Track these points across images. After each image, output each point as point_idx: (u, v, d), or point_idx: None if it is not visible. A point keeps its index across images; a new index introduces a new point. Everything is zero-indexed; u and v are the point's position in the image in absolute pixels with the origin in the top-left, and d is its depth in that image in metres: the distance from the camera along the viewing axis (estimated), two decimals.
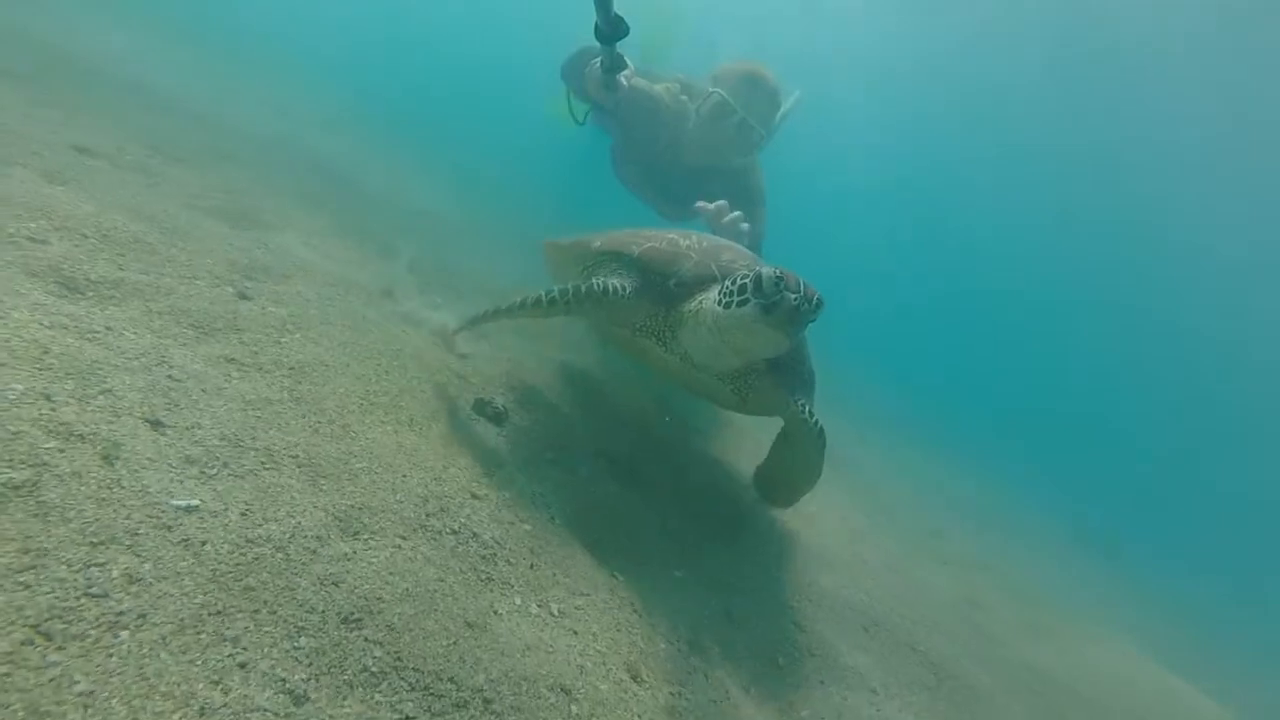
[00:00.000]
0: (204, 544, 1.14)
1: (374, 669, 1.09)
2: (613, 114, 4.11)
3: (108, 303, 1.72)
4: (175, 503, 1.20)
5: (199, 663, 0.95)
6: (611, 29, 2.77)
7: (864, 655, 2.22)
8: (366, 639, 1.13)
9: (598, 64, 3.58)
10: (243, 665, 0.98)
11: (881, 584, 2.84)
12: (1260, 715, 4.14)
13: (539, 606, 1.52)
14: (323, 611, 1.13)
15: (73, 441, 1.20)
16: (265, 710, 0.93)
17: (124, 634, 0.93)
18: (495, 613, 1.40)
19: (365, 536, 1.36)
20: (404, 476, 1.62)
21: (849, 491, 4.41)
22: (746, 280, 1.87)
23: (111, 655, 0.90)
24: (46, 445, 1.16)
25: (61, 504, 1.07)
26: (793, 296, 1.79)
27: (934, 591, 3.25)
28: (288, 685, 0.98)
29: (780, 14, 14.86)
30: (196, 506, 1.21)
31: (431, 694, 1.11)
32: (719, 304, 1.96)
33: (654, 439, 3.16)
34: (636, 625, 1.68)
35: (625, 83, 3.68)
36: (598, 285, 2.18)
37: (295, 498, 1.36)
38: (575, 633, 1.51)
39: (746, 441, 3.89)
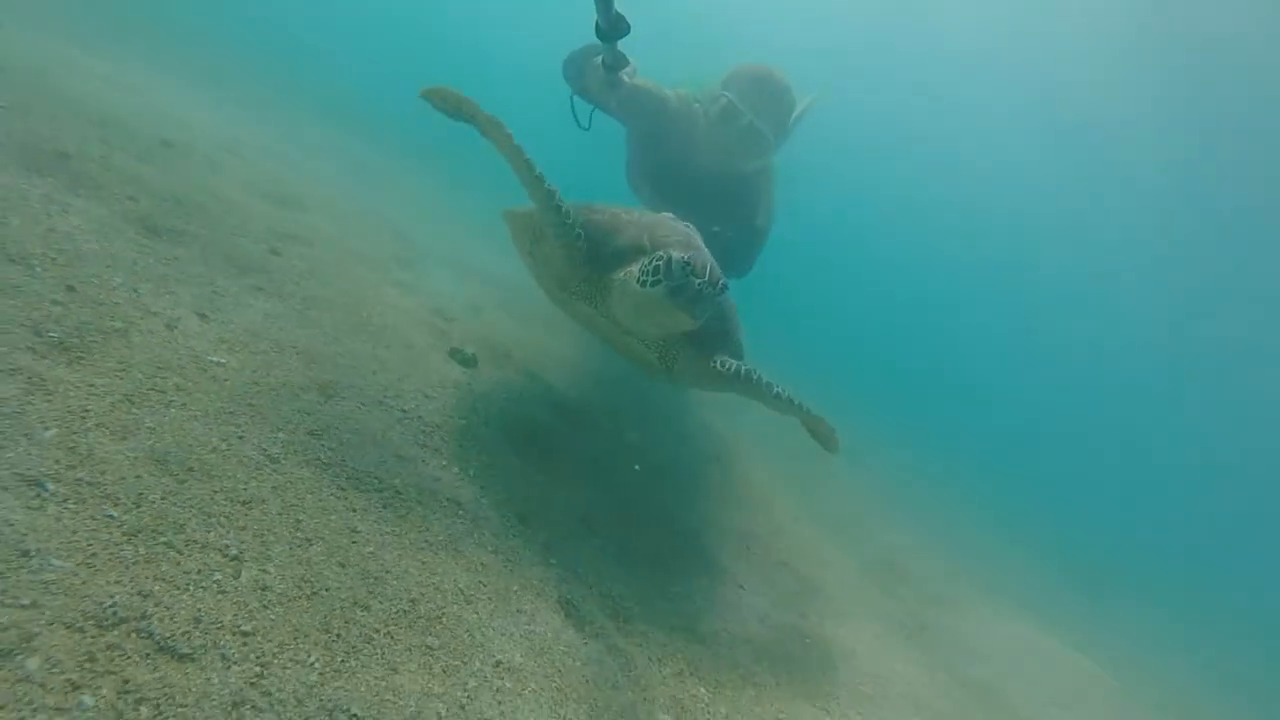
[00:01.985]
0: (225, 380, 1.76)
1: (325, 460, 1.68)
2: (615, 115, 4.04)
3: (176, 244, 2.39)
4: (210, 358, 1.82)
5: (215, 430, 1.55)
6: (612, 27, 2.72)
7: (741, 563, 2.72)
8: (322, 444, 1.72)
9: (599, 62, 3.54)
10: (240, 437, 1.58)
11: (785, 530, 3.31)
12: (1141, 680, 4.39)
13: (459, 469, 2.09)
14: (297, 424, 1.73)
15: (149, 315, 1.83)
16: (250, 458, 1.53)
17: (173, 410, 1.54)
18: (423, 460, 1.98)
19: (335, 398, 1.96)
20: (374, 373, 2.23)
21: (804, 479, 4.86)
22: (660, 263, 2.01)
23: (165, 419, 1.51)
24: (132, 314, 1.79)
25: (142, 344, 1.70)
26: (697, 282, 1.96)
27: (846, 549, 3.70)
28: (268, 453, 1.58)
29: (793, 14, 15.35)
30: (223, 363, 1.83)
31: (360, 482, 1.69)
32: (637, 280, 2.08)
33: (615, 405, 3.71)
34: (536, 497, 2.23)
35: (627, 80, 3.63)
36: (572, 213, 2.22)
37: (291, 370, 1.97)
38: (482, 487, 2.07)
39: (698, 429, 4.41)
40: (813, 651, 2.31)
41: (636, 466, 2.96)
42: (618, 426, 3.37)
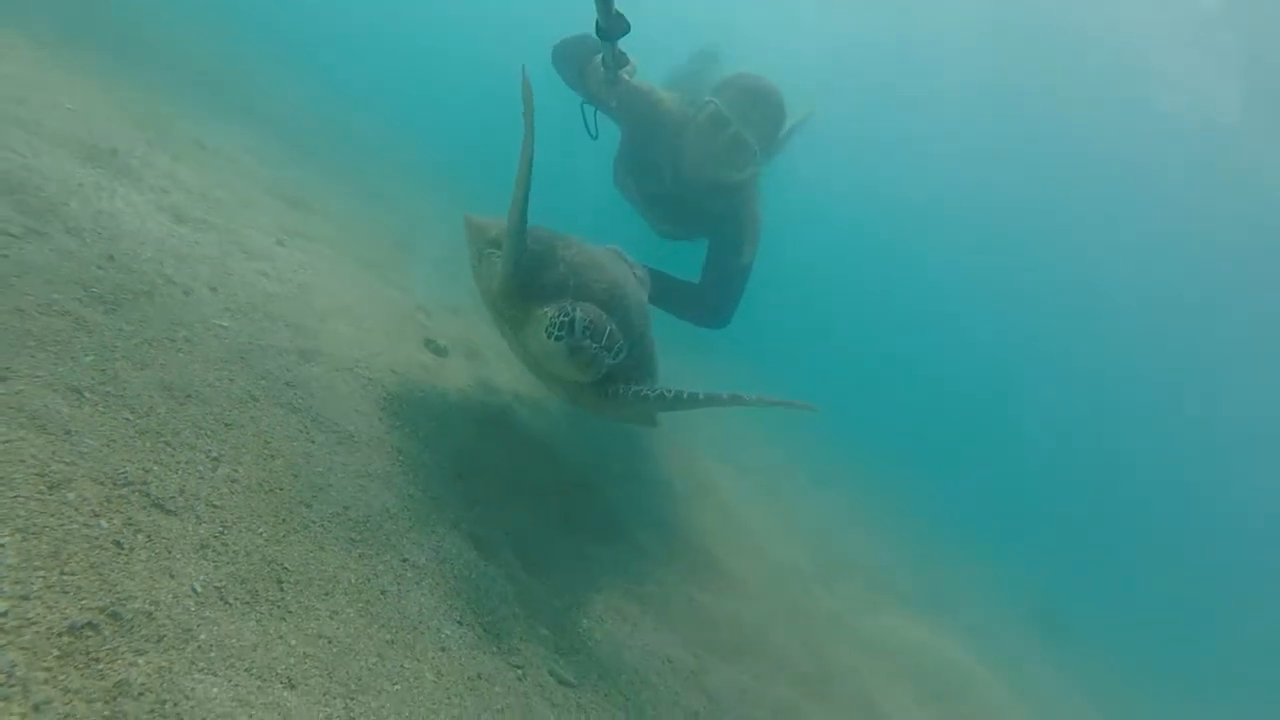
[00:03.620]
0: (225, 339, 2.21)
1: (295, 405, 2.12)
2: (613, 115, 4.06)
3: (198, 231, 2.87)
4: (215, 321, 2.28)
5: (212, 373, 2.00)
6: (612, 26, 2.70)
7: (655, 542, 3.11)
8: (295, 393, 2.17)
9: (599, 61, 3.53)
10: (230, 380, 2.02)
11: (708, 521, 3.70)
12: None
13: (411, 429, 2.52)
14: (277, 376, 2.18)
15: (170, 283, 2.30)
16: (236, 395, 1.97)
17: (181, 354, 1.99)
18: (378, 417, 2.42)
19: (312, 362, 2.41)
20: (350, 346, 2.68)
21: (761, 489, 5.24)
22: (565, 319, 2.12)
23: (174, 360, 1.95)
24: (157, 281, 2.26)
25: (162, 304, 2.16)
26: (593, 346, 2.08)
27: (775, 548, 4.08)
28: (250, 393, 2.03)
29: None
30: (225, 326, 2.29)
31: (321, 424, 2.13)
32: (544, 330, 2.18)
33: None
34: (476, 461, 2.64)
35: (627, 79, 3.64)
36: (522, 236, 2.31)
37: (280, 336, 2.43)
38: (427, 445, 2.49)
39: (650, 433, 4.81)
40: (699, 611, 2.70)
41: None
42: (571, 420, 3.79)
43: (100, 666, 1.11)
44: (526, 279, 2.39)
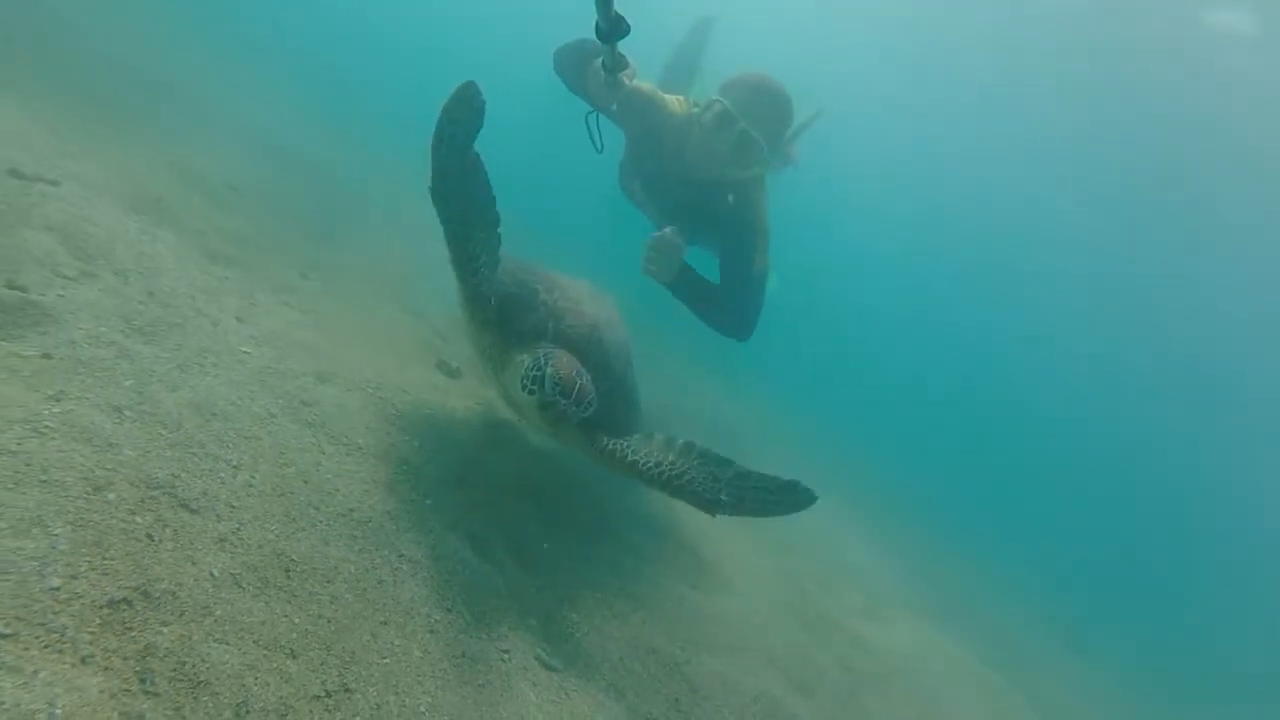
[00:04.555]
0: (248, 364, 2.47)
1: (309, 420, 2.37)
2: (614, 118, 4.07)
3: (228, 267, 3.17)
4: (240, 348, 2.55)
5: (235, 393, 2.25)
6: (612, 28, 2.72)
7: (650, 543, 3.27)
8: (310, 410, 2.41)
9: (599, 64, 3.52)
10: (252, 399, 2.28)
11: (698, 523, 3.82)
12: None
13: (419, 444, 2.74)
14: (294, 395, 2.43)
15: (201, 315, 2.58)
16: (257, 412, 2.22)
17: (209, 377, 2.26)
18: (385, 432, 2.65)
19: (327, 383, 2.67)
20: (364, 367, 2.93)
21: None
22: (537, 373, 2.19)
23: (202, 382, 2.22)
24: (189, 314, 2.54)
25: (193, 334, 2.43)
26: (563, 403, 2.13)
27: (772, 553, 4.19)
28: (269, 410, 2.28)
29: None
30: (249, 353, 2.56)
31: (333, 438, 2.37)
32: (519, 379, 2.26)
33: None
34: (479, 470, 2.86)
35: (627, 82, 3.63)
36: (486, 284, 2.45)
37: (299, 360, 2.69)
38: (432, 456, 2.71)
39: None
40: (688, 608, 2.85)
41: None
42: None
43: (133, 633, 1.34)
44: (506, 322, 2.50)
